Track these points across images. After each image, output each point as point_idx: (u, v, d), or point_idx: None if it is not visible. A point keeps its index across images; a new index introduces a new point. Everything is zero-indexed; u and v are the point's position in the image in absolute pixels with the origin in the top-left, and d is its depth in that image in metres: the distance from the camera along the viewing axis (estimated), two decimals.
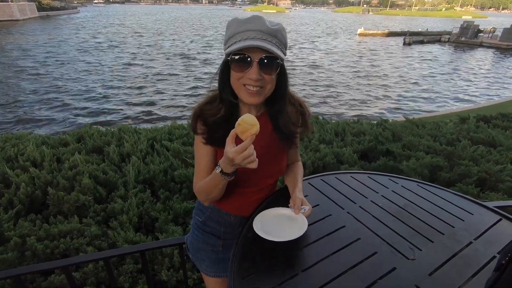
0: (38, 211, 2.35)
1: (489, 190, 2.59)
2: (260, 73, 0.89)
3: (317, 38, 32.57)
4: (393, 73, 16.76)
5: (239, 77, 0.91)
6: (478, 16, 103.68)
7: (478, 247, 0.97)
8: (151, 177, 2.71)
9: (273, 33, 0.88)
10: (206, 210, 1.17)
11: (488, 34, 28.93)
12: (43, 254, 1.85)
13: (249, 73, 0.88)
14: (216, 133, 0.98)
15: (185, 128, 3.91)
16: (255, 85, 0.90)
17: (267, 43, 0.86)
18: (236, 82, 0.93)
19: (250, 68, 0.88)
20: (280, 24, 0.91)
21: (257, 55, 0.87)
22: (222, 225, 1.17)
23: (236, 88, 0.94)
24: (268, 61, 0.88)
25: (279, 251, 0.93)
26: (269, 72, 0.90)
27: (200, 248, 1.21)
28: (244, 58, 0.88)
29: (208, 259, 1.21)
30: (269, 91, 0.95)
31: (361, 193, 1.26)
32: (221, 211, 1.14)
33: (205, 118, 1.00)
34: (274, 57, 0.88)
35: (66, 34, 27.39)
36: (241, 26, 0.88)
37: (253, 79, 0.88)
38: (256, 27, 0.87)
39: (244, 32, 0.87)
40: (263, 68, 0.88)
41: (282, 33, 0.91)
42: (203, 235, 1.19)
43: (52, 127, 8.80)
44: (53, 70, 15.05)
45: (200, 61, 18.54)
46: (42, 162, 2.82)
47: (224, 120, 0.98)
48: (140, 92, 12.26)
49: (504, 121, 4.44)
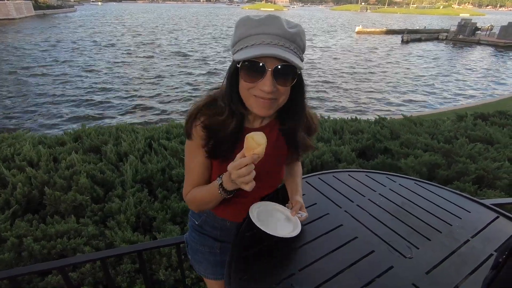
0: (35, 211, 2.33)
1: (486, 188, 2.60)
2: (275, 84, 0.77)
3: (315, 36, 32.53)
4: (390, 71, 16.78)
5: (250, 87, 0.80)
6: (476, 13, 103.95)
7: (475, 244, 0.97)
8: (148, 176, 2.71)
9: (292, 37, 0.77)
10: (202, 214, 1.14)
11: (485, 31, 28.97)
12: (40, 254, 1.85)
13: (261, 83, 0.77)
14: (222, 147, 0.90)
15: (182, 127, 3.88)
16: (268, 97, 0.79)
17: (285, 49, 0.76)
18: (246, 92, 0.82)
19: (263, 78, 0.77)
20: (299, 25, 0.80)
21: (272, 63, 0.76)
22: (218, 229, 1.14)
23: (245, 98, 0.83)
24: (285, 71, 0.77)
25: (276, 250, 0.92)
26: (284, 83, 0.79)
27: (198, 250, 1.19)
28: (257, 66, 0.76)
29: (206, 261, 1.19)
30: (282, 103, 0.85)
31: (359, 191, 1.26)
32: (217, 217, 1.11)
33: (210, 127, 0.88)
34: (291, 66, 0.77)
35: (62, 33, 27.21)
36: (254, 28, 0.76)
37: (266, 91, 0.77)
38: (272, 30, 0.75)
39: (257, 36, 0.76)
40: (278, 78, 0.77)
41: (301, 37, 0.79)
42: (200, 236, 1.18)
43: (46, 127, 8.76)
44: (48, 70, 14.96)
45: (197, 58, 18.50)
46: (38, 161, 2.81)
47: (233, 135, 0.88)
48: (136, 90, 12.22)
49: (501, 119, 4.45)
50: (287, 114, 0.91)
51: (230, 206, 1.03)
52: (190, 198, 0.98)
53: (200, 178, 0.97)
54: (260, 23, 0.76)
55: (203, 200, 0.95)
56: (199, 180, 0.97)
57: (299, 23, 0.80)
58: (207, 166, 0.96)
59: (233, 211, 1.07)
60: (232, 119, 0.87)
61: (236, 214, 1.07)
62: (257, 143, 0.75)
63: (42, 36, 24.89)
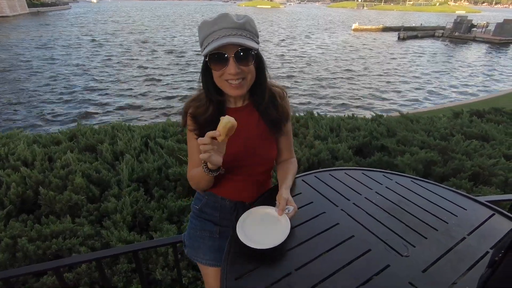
0: (30, 211, 2.31)
1: (482, 184, 2.62)
2: (238, 66, 0.94)
3: (312, 33, 32.49)
4: (387, 68, 16.81)
5: (220, 74, 0.96)
6: (472, 10, 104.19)
7: (471, 242, 0.97)
8: (145, 175, 2.69)
9: (242, 26, 0.93)
10: (202, 197, 1.21)
11: (481, 29, 29.12)
12: (35, 255, 1.83)
13: (228, 68, 0.94)
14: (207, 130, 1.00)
15: (179, 125, 3.87)
16: (236, 78, 0.95)
17: (238, 37, 0.91)
18: (219, 79, 0.98)
19: (227, 64, 0.93)
20: (246, 15, 0.96)
21: (232, 50, 0.92)
22: (218, 210, 1.19)
23: (220, 85, 1.00)
24: (243, 54, 0.93)
25: (272, 250, 0.92)
26: (246, 64, 0.95)
27: (197, 236, 1.23)
28: (220, 56, 0.93)
29: (205, 246, 1.21)
30: (251, 81, 1.01)
31: (355, 190, 1.25)
32: (217, 196, 1.18)
33: (194, 116, 1.06)
34: (248, 48, 0.93)
35: (56, 31, 26.91)
36: (210, 28, 0.92)
37: (232, 73, 0.94)
38: (224, 25, 0.91)
39: (215, 32, 0.92)
40: (239, 61, 0.93)
41: (250, 24, 0.96)
42: (200, 222, 1.23)
43: (39, 127, 8.68)
44: (41, 68, 14.81)
45: (190, 56, 18.41)
46: (33, 161, 2.78)
47: (212, 118, 1.03)
48: (131, 89, 12.14)
49: (497, 116, 4.48)
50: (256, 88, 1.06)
51: (228, 184, 1.14)
52: (189, 177, 1.14)
53: (197, 159, 1.07)
54: (214, 22, 0.92)
55: (196, 178, 1.08)
56: (196, 161, 1.09)
57: (246, 14, 0.97)
58: None
59: (231, 189, 1.16)
60: (210, 106, 1.05)
61: (235, 192, 1.17)
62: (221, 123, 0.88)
63: (34, 34, 24.59)
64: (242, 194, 1.18)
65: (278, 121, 1.13)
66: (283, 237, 0.93)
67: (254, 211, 1.06)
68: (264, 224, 1.01)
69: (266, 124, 1.12)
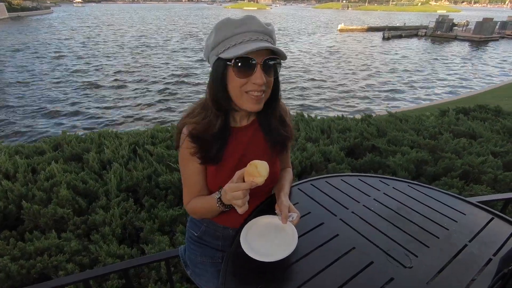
0: (12, 227, 2.20)
1: (473, 183, 2.64)
2: (265, 77, 0.83)
3: (298, 34, 32.69)
4: (373, 68, 17.05)
5: (243, 84, 0.83)
6: (452, 10, 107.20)
7: (473, 249, 0.95)
8: (134, 184, 2.60)
9: (270, 33, 0.84)
10: (201, 225, 1.12)
11: (462, 27, 29.95)
12: (19, 275, 1.73)
13: (254, 77, 0.82)
14: (211, 150, 0.92)
15: (168, 131, 3.79)
16: (260, 89, 0.84)
17: (268, 44, 0.82)
18: (238, 89, 0.85)
19: (254, 72, 0.82)
20: (271, 24, 0.88)
21: (260, 57, 0.81)
22: (220, 239, 1.11)
23: (237, 96, 0.86)
24: (271, 63, 0.84)
25: (271, 267, 0.87)
26: (271, 75, 0.86)
27: (198, 261, 1.15)
28: (248, 62, 0.80)
29: (208, 273, 1.14)
30: (267, 96, 0.90)
31: (352, 197, 1.22)
32: (218, 225, 1.09)
33: (196, 135, 0.91)
34: (276, 58, 0.84)
35: (35, 37, 26.07)
36: (238, 27, 0.80)
37: (259, 83, 0.82)
38: (255, 28, 0.81)
39: (242, 34, 0.80)
40: (266, 70, 0.83)
41: (274, 33, 0.88)
42: (200, 248, 1.14)
43: (21, 137, 8.38)
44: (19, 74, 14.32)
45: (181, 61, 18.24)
46: (15, 173, 2.65)
47: (219, 135, 0.92)
48: (118, 95, 11.90)
49: (481, 113, 4.56)
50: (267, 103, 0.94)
51: (231, 213, 1.00)
52: (190, 209, 1.02)
53: (196, 185, 0.99)
54: (242, 23, 0.81)
55: (203, 210, 0.99)
56: (195, 187, 0.99)
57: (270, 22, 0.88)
58: (200, 173, 0.98)
59: (234, 218, 1.05)
60: (217, 120, 0.91)
61: (238, 219, 1.05)
62: (259, 172, 0.77)
63: (12, 40, 23.77)
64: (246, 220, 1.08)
65: (285, 140, 1.05)
66: (293, 246, 0.88)
67: (255, 222, 1.00)
68: (270, 234, 0.95)
69: (271, 143, 1.02)
